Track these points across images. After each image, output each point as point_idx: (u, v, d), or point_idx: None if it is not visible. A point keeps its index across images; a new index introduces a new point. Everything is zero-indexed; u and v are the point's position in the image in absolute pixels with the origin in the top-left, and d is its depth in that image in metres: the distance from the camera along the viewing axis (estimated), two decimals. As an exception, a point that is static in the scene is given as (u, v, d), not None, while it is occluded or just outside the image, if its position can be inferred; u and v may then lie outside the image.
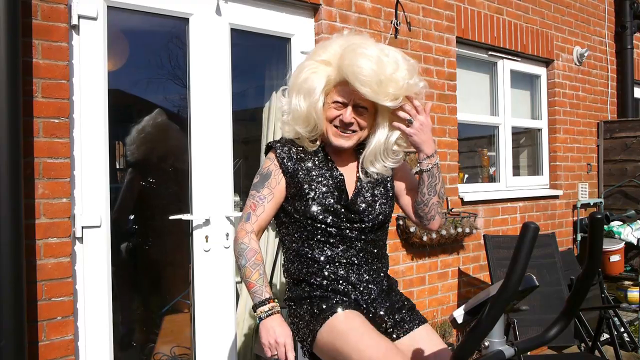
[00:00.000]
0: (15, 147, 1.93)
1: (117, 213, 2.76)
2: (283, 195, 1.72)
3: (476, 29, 3.85)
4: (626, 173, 4.80)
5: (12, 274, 1.90)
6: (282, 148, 1.74)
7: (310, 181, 1.69)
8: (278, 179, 1.71)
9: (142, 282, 3.28)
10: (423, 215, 1.78)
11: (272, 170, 1.72)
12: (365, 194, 1.73)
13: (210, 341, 2.63)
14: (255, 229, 1.67)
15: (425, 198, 1.74)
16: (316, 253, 1.68)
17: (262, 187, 1.70)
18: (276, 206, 1.72)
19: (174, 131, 3.08)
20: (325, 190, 1.68)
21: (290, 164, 1.71)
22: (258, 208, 1.68)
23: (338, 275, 1.67)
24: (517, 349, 1.23)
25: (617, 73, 5.22)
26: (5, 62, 1.90)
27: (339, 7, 3.04)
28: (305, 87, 1.66)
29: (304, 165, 1.71)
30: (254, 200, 1.69)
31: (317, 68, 1.67)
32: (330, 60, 1.66)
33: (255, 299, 1.57)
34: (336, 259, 1.67)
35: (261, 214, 1.68)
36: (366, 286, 1.70)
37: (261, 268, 1.61)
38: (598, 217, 1.14)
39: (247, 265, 1.60)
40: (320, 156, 1.75)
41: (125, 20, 2.49)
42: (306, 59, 1.75)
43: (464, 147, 3.98)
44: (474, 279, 3.81)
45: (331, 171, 1.72)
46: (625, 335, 3.78)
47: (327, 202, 1.67)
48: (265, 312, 1.55)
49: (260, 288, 1.57)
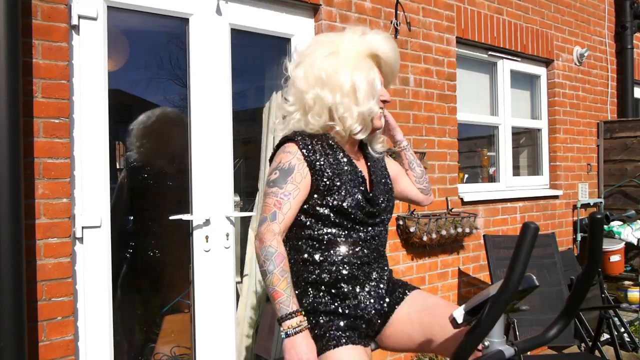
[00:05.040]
0: (15, 147, 1.93)
1: (114, 209, 2.73)
2: (307, 192, 1.60)
3: (476, 29, 3.85)
4: (626, 173, 4.80)
5: (12, 274, 1.90)
6: (304, 140, 1.62)
7: (339, 175, 1.61)
8: (303, 174, 1.58)
9: (142, 282, 3.28)
10: (424, 187, 1.97)
11: (294, 164, 1.58)
12: (379, 187, 1.74)
13: (210, 341, 2.63)
14: (282, 229, 1.54)
15: (418, 171, 1.97)
16: (331, 253, 1.62)
17: (284, 182, 1.55)
18: (301, 202, 1.59)
19: (176, 130, 3.07)
20: (353, 185, 1.63)
21: (314, 157, 1.60)
22: (284, 205, 1.53)
23: (350, 275, 1.63)
24: (517, 349, 1.23)
25: (617, 73, 5.22)
26: (5, 62, 1.90)
27: (339, 7, 3.04)
28: (365, 85, 1.63)
29: (330, 160, 1.63)
30: (278, 198, 1.54)
31: (354, 62, 1.65)
32: (348, 49, 1.67)
33: (282, 311, 1.44)
34: (351, 260, 1.63)
35: (288, 212, 1.54)
36: (373, 286, 1.69)
37: (289, 276, 1.48)
38: (598, 217, 1.14)
39: (275, 272, 1.46)
40: (338, 152, 1.68)
41: (125, 20, 2.49)
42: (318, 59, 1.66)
43: (464, 147, 3.98)
44: (474, 279, 3.81)
45: (351, 166, 1.67)
46: (625, 335, 3.78)
47: (357, 197, 1.61)
48: (294, 328, 1.43)
49: (288, 299, 1.44)
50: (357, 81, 1.62)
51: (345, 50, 1.65)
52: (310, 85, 1.64)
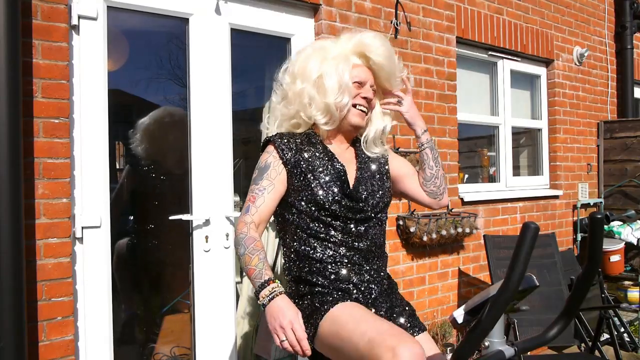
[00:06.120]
0: (15, 147, 1.93)
1: (113, 206, 2.71)
2: (284, 187, 1.69)
3: (476, 29, 3.85)
4: (626, 173, 4.80)
5: (12, 274, 1.90)
6: (281, 140, 1.72)
7: (312, 170, 1.68)
8: (278, 170, 1.68)
9: (142, 282, 3.28)
10: (436, 189, 1.88)
11: (270, 162, 1.69)
12: (365, 184, 1.75)
13: (210, 341, 2.63)
14: (255, 220, 1.61)
15: (435, 171, 1.86)
16: (318, 252, 1.66)
17: (260, 179, 1.67)
18: (277, 197, 1.68)
19: (177, 129, 3.06)
20: (329, 180, 1.67)
21: (290, 155, 1.69)
22: (257, 200, 1.63)
23: (340, 276, 1.65)
24: (517, 349, 1.23)
25: (617, 73, 5.22)
26: (5, 62, 1.90)
27: (339, 7, 3.04)
28: (332, 74, 1.70)
29: (305, 156, 1.70)
30: (253, 194, 1.65)
31: (334, 57, 1.74)
32: (339, 49, 1.76)
33: (256, 283, 1.48)
34: (338, 259, 1.66)
35: (261, 205, 1.63)
36: (367, 286, 1.69)
37: (261, 254, 1.52)
38: (598, 217, 1.14)
39: (246, 253, 1.52)
40: (319, 148, 1.75)
41: (125, 20, 2.49)
42: (311, 56, 1.76)
43: (464, 147, 3.98)
44: (474, 279, 3.81)
45: (332, 162, 1.72)
46: (625, 335, 3.78)
47: (331, 192, 1.65)
48: (267, 296, 1.45)
49: (260, 272, 1.48)
50: (325, 72, 1.71)
51: (331, 50, 1.76)
52: (290, 79, 1.76)
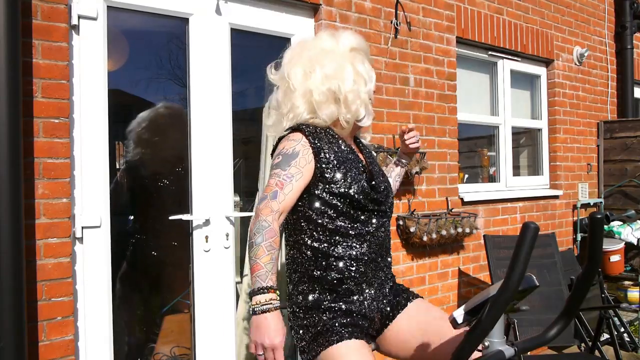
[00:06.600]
0: (15, 147, 1.93)
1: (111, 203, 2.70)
2: (310, 178, 1.59)
3: (476, 29, 3.85)
4: (626, 173, 4.80)
5: (12, 274, 1.90)
6: (309, 129, 1.64)
7: (343, 162, 1.63)
8: (308, 159, 1.58)
9: (142, 282, 3.28)
10: None
11: (299, 150, 1.58)
12: (379, 177, 1.76)
13: (210, 341, 2.63)
14: (281, 209, 1.49)
15: (398, 184, 2.12)
16: (340, 249, 1.61)
17: (287, 165, 1.54)
18: (302, 187, 1.57)
19: (176, 128, 3.06)
20: (357, 172, 1.64)
21: (320, 144, 1.62)
22: (286, 186, 1.51)
23: (359, 272, 1.63)
24: (517, 349, 1.23)
25: (617, 73, 5.22)
26: (5, 62, 1.90)
27: (339, 7, 3.04)
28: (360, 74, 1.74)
29: (332, 148, 1.65)
30: (280, 179, 1.52)
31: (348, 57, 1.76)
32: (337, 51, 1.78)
33: (256, 284, 1.38)
34: (359, 256, 1.63)
35: (289, 193, 1.52)
36: (379, 284, 1.69)
37: (275, 253, 1.42)
38: (598, 217, 1.14)
39: (262, 245, 1.40)
40: (340, 143, 1.70)
41: (125, 20, 2.49)
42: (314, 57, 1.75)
43: (464, 147, 3.98)
44: (474, 279, 3.81)
45: (354, 154, 1.71)
46: (625, 335, 3.78)
47: (362, 184, 1.62)
48: (261, 304, 1.36)
49: (266, 274, 1.38)
50: (362, 71, 1.75)
51: (338, 49, 1.77)
52: (317, 83, 1.69)
